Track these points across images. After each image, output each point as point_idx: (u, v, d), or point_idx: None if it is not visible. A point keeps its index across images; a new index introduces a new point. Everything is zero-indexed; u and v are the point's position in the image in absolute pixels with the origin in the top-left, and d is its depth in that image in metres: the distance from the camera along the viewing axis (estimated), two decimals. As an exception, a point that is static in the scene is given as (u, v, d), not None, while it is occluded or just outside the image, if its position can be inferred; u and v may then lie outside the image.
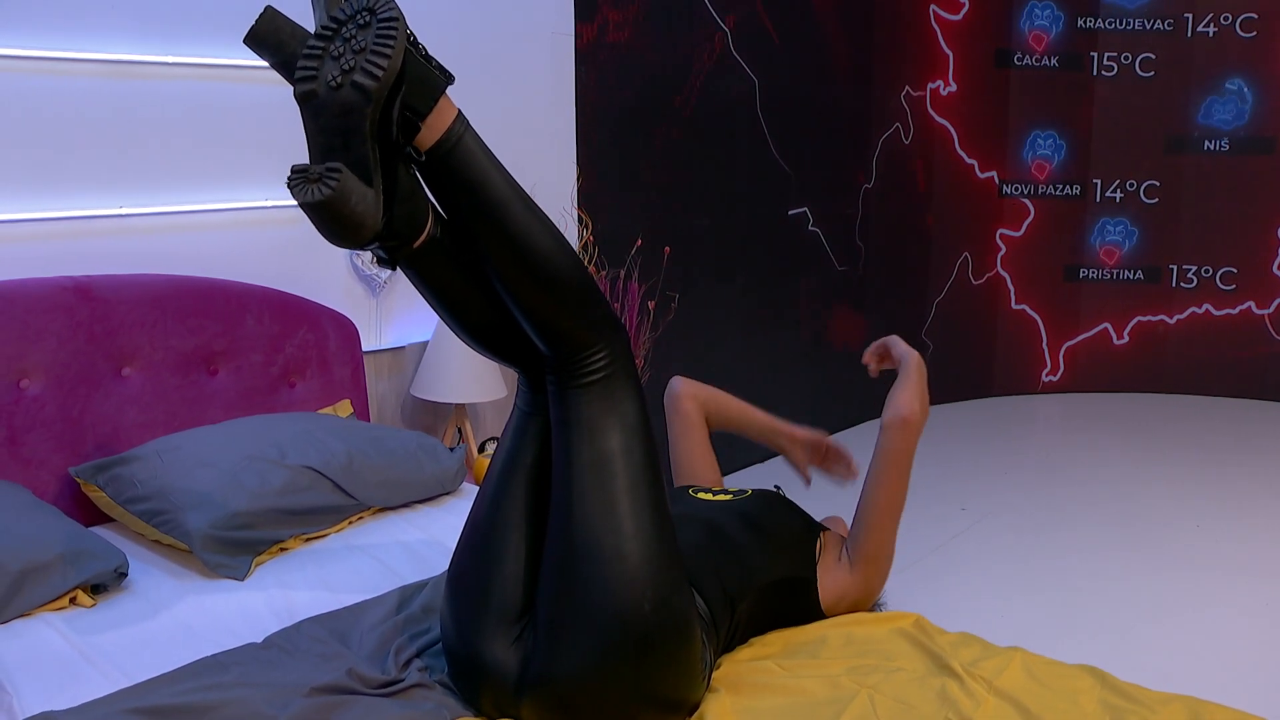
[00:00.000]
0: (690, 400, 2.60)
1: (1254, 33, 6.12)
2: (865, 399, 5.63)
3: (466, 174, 1.74)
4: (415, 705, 1.79)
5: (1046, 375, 6.45)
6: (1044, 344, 6.41)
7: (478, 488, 2.98)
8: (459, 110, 1.75)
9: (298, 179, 1.64)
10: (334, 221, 1.64)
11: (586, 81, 3.97)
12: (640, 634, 1.71)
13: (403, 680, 1.86)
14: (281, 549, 2.49)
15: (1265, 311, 6.28)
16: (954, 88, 5.93)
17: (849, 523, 2.29)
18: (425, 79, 1.71)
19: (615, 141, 4.16)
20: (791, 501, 2.32)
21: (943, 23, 5.85)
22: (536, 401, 1.90)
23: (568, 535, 1.76)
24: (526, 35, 3.74)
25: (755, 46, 4.70)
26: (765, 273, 4.91)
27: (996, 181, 6.20)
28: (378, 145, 1.67)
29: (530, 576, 1.82)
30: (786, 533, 2.18)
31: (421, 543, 2.57)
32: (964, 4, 5.90)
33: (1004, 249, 6.29)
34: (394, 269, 1.85)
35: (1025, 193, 6.28)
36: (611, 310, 1.86)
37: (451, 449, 2.92)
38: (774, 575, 2.08)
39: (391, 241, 1.77)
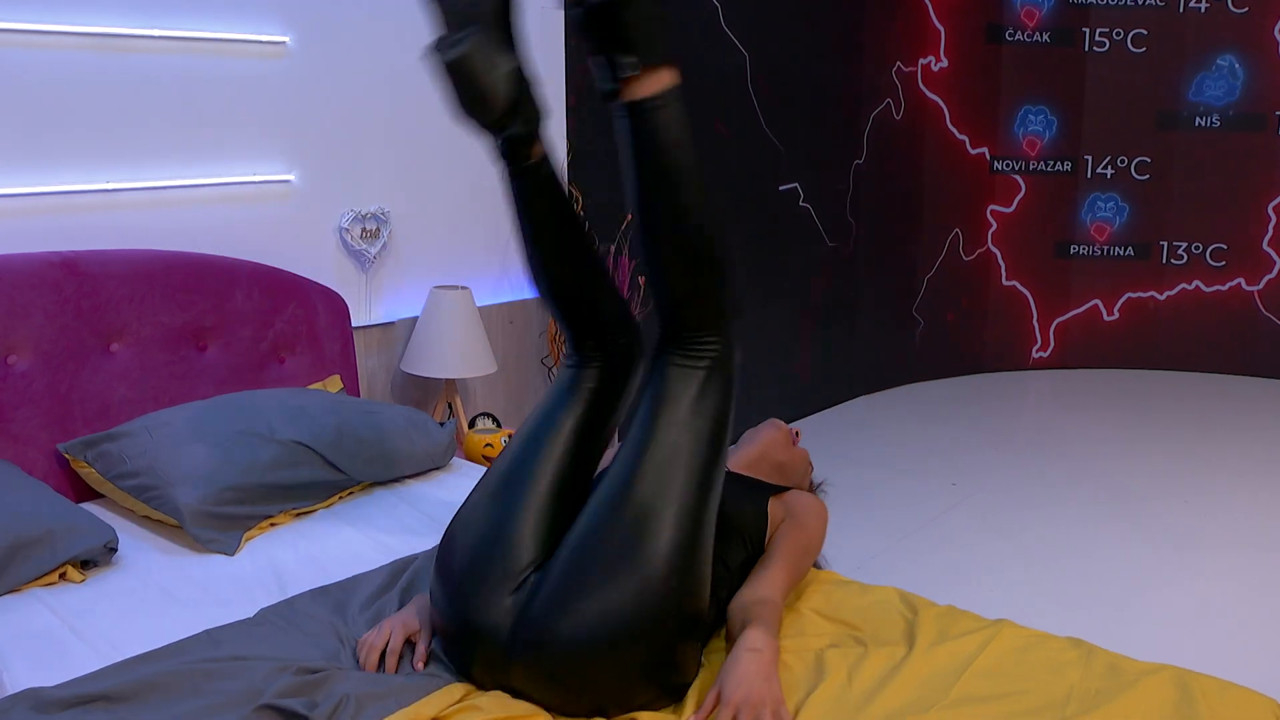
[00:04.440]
0: None
1: (1246, 8, 6.10)
2: (856, 375, 5.64)
3: (667, 135, 1.81)
4: (410, 677, 1.80)
5: (1037, 351, 6.46)
6: (1034, 320, 6.41)
7: (468, 463, 3.00)
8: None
9: (436, 43, 1.75)
10: (469, 84, 1.75)
11: (577, 56, 3.95)
12: (656, 616, 1.71)
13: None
14: (271, 524, 2.49)
15: (1255, 288, 6.30)
16: (945, 63, 5.91)
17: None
18: (657, 34, 1.80)
19: (606, 116, 4.13)
20: (744, 478, 2.29)
21: (935, -2, 5.84)
22: (583, 372, 1.98)
23: (618, 503, 1.76)
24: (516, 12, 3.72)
25: (746, 21, 4.68)
26: (756, 248, 4.91)
27: (988, 158, 6.20)
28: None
29: (543, 535, 1.83)
30: (743, 517, 2.14)
31: (412, 517, 2.57)
32: (956, -21, 5.88)
33: (995, 225, 6.28)
34: (511, 169, 1.94)
35: (1016, 169, 6.27)
36: (738, 307, 1.89)
37: (442, 424, 2.92)
38: (740, 560, 2.07)
39: (519, 129, 1.85)
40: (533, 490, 1.86)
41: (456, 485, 2.78)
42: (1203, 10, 6.18)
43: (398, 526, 2.51)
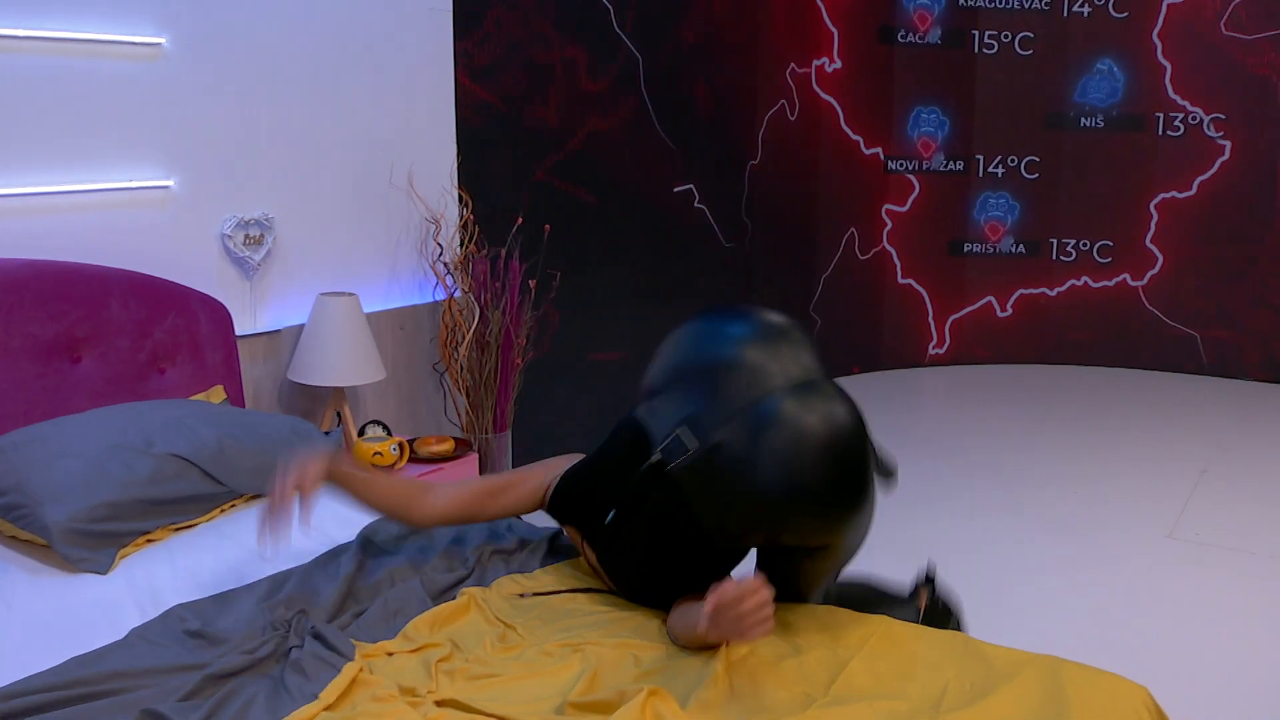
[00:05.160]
0: None
1: (1126, 13, 6.28)
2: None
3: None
4: (280, 679, 1.77)
5: (933, 348, 6.57)
6: (930, 317, 6.53)
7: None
8: None
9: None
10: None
11: (467, 58, 3.92)
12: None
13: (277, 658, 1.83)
14: (149, 540, 2.42)
15: (1140, 283, 6.48)
16: (839, 65, 5.98)
17: None
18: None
19: (497, 118, 4.11)
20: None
21: (828, 0, 5.90)
22: None
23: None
24: (404, 12, 3.68)
25: (640, 23, 4.68)
26: (652, 250, 4.92)
27: (882, 158, 6.29)
28: None
29: None
30: None
31: (296, 530, 2.51)
32: (848, -19, 5.96)
33: (890, 225, 6.38)
34: None
35: (910, 169, 6.38)
36: None
37: (328, 432, 2.86)
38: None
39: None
40: None
41: (343, 495, 2.72)
42: (1085, 15, 6.34)
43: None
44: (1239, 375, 6.33)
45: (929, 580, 2.48)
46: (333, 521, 2.54)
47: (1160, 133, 6.33)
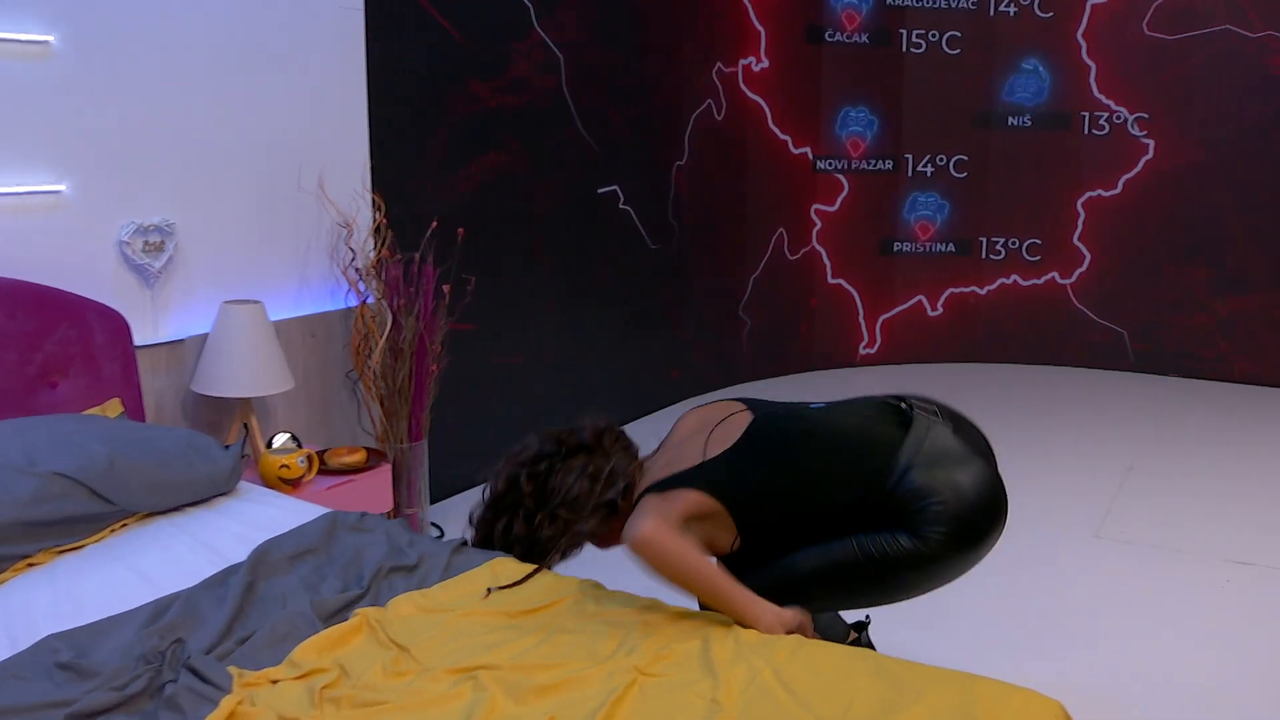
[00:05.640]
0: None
1: (1051, 13, 6.30)
2: (683, 378, 5.62)
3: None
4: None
5: (864, 348, 6.56)
6: (861, 317, 6.51)
7: (259, 487, 2.84)
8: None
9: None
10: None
11: (380, 58, 3.82)
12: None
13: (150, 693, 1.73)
14: (30, 564, 2.30)
15: (1068, 281, 6.51)
16: (766, 64, 5.94)
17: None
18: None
19: (412, 120, 4.01)
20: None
21: (754, -1, 5.86)
22: None
23: None
24: (313, 11, 3.57)
25: (562, 22, 4.60)
26: (575, 253, 4.84)
27: (810, 157, 6.26)
28: None
29: None
30: None
31: (190, 549, 2.41)
32: (774, -20, 5.92)
33: (819, 224, 6.35)
34: None
35: (839, 168, 6.35)
36: None
37: (227, 446, 2.76)
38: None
39: None
40: None
41: (243, 511, 2.63)
42: (1012, 14, 6.36)
43: (170, 560, 2.35)
44: (1165, 372, 6.38)
45: (862, 624, 2.61)
46: (226, 538, 2.44)
47: (1086, 132, 6.36)
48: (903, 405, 2.37)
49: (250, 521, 2.54)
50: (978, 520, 2.22)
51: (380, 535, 2.38)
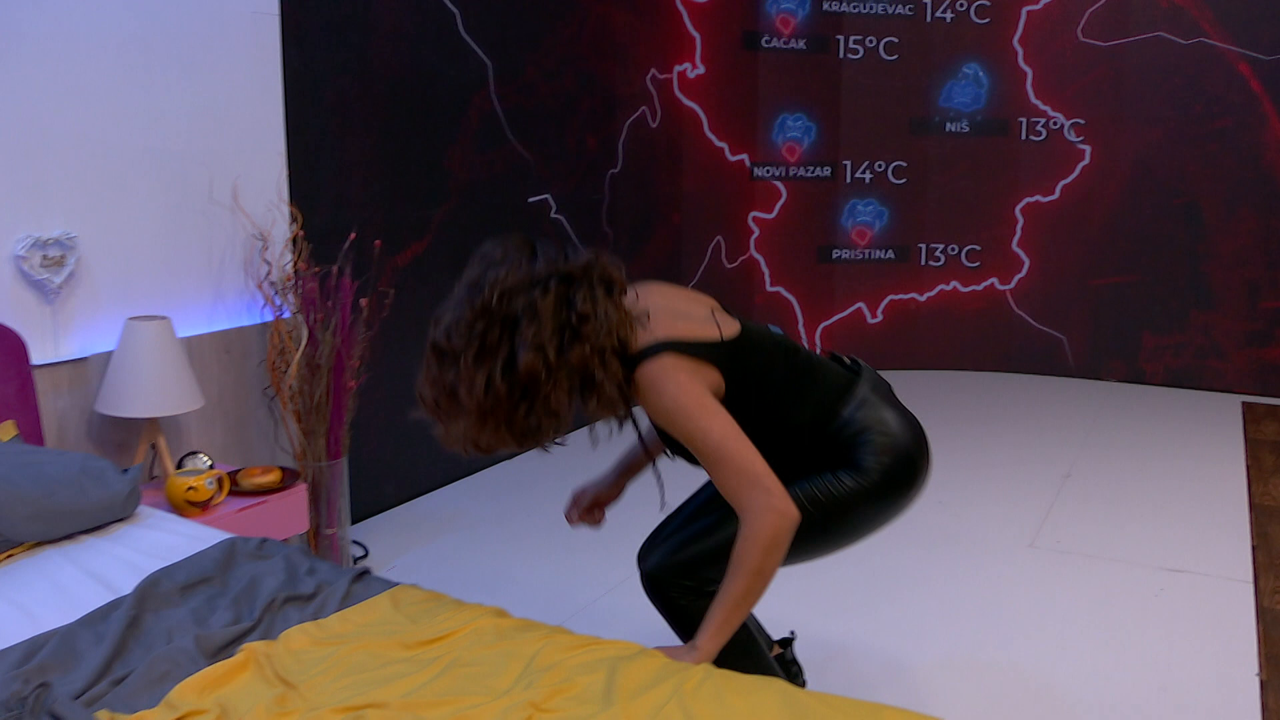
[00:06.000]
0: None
1: (988, 19, 6.30)
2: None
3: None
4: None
5: (805, 356, 6.50)
6: (800, 325, 6.46)
7: (161, 512, 2.73)
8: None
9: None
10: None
11: (297, 65, 3.71)
12: None
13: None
14: (-95, 600, 2.18)
15: (1007, 287, 6.50)
16: (702, 70, 5.88)
17: None
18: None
19: (332, 129, 3.91)
20: None
21: (689, 4, 5.79)
22: None
23: None
24: (224, 16, 3.46)
25: (488, 28, 4.51)
26: (507, 263, 4.74)
27: (748, 164, 6.21)
28: None
29: None
30: None
31: (75, 581, 2.29)
32: (708, -14, 5.87)
33: (757, 232, 6.30)
34: None
35: (777, 175, 6.31)
36: None
37: (125, 470, 2.64)
38: None
39: None
40: None
41: (140, 539, 2.51)
42: (948, 20, 6.35)
43: (54, 593, 2.23)
44: (1104, 376, 6.39)
45: (787, 640, 2.67)
46: (118, 568, 2.32)
47: (1023, 137, 6.36)
48: (847, 359, 2.48)
49: (146, 549, 2.43)
50: (913, 454, 2.32)
51: (279, 562, 2.27)
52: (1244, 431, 5.37)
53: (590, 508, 2.63)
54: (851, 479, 2.25)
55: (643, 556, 2.52)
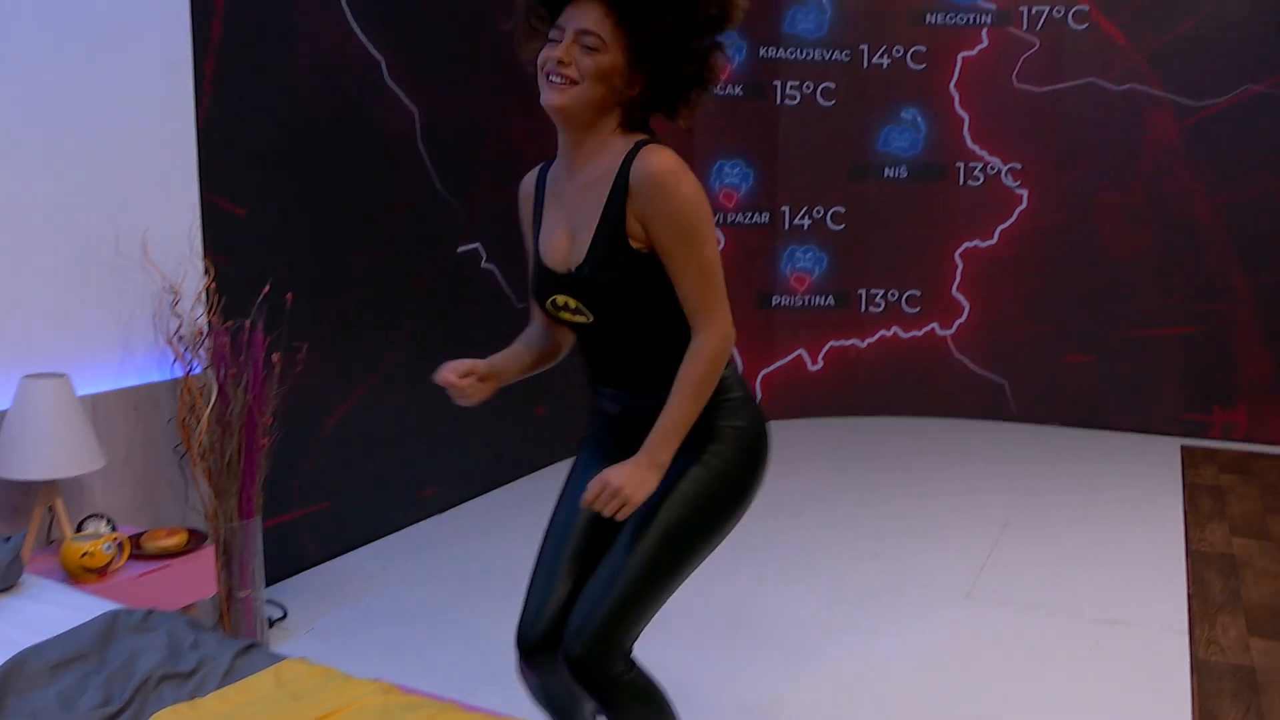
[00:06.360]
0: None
1: (924, 65, 6.32)
2: (556, 440, 5.44)
3: None
4: None
5: (746, 403, 6.44)
6: (739, 372, 6.39)
7: (49, 580, 2.59)
8: None
9: None
10: None
11: (213, 115, 3.62)
12: None
13: None
14: None
15: (948, 332, 6.49)
16: (638, 118, 5.84)
17: None
18: None
19: (251, 179, 3.81)
20: None
21: (623, 52, 5.76)
22: None
23: None
24: (135, 65, 3.36)
25: (415, 76, 4.44)
26: (435, 315, 4.65)
27: (686, 211, 6.16)
28: None
29: None
30: None
31: None
32: (643, 33, 5.83)
33: (697, 279, 6.24)
34: None
35: (715, 221, 6.26)
36: None
37: (8, 538, 2.51)
38: None
39: None
40: None
41: (19, 611, 2.37)
42: (885, 66, 6.36)
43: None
44: (1046, 421, 6.37)
45: None
46: (-10, 646, 2.19)
47: (961, 182, 6.38)
48: None
49: (24, 623, 2.30)
50: (762, 430, 2.30)
51: (162, 636, 2.15)
52: (1182, 476, 5.35)
53: (467, 373, 2.35)
54: (701, 469, 2.21)
55: (549, 643, 2.28)
